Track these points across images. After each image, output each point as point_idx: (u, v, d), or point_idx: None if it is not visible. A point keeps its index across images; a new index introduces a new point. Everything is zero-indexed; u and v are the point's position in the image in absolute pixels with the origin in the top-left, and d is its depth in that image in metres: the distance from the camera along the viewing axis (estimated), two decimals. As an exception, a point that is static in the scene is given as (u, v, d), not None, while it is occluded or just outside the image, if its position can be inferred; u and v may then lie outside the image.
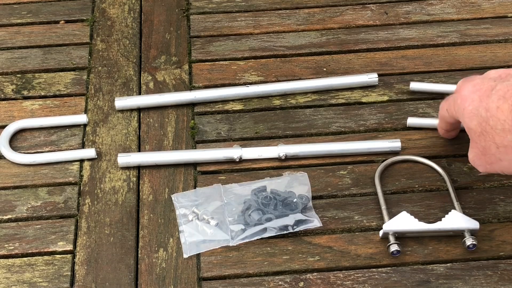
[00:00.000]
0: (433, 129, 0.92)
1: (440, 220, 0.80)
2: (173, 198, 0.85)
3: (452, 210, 0.81)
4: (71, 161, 0.90)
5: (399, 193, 0.86)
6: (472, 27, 1.05)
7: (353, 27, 1.06)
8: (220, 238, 0.81)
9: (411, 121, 0.92)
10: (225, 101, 0.97)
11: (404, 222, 0.80)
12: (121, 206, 0.86)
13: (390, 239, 0.80)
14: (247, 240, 0.81)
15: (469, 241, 0.79)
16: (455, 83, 0.97)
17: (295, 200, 0.83)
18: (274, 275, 0.79)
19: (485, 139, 0.74)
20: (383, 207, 0.83)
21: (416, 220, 0.80)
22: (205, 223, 0.82)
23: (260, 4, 1.09)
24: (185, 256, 0.80)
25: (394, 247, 0.79)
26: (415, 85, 0.96)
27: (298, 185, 0.85)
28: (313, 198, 0.85)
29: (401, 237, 0.80)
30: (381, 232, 0.80)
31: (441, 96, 0.94)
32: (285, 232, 0.82)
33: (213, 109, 0.96)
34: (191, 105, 0.96)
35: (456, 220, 0.80)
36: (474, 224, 0.79)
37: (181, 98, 0.96)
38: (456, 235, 0.81)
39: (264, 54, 1.02)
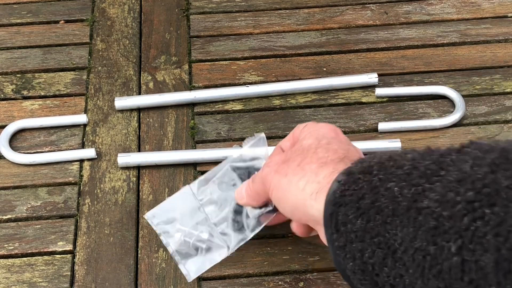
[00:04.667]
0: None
1: None
2: (148, 221, 0.78)
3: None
4: (71, 161, 0.90)
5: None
6: (472, 27, 1.05)
7: (353, 27, 1.06)
8: (217, 252, 0.77)
9: (382, 126, 0.92)
10: (225, 101, 0.96)
11: None
12: (121, 206, 0.86)
13: None
14: (243, 243, 0.78)
15: None
16: (455, 83, 0.98)
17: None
18: (274, 275, 0.79)
19: (299, 154, 0.68)
20: None
21: None
22: (195, 240, 0.77)
23: (260, 4, 1.09)
24: (189, 281, 0.77)
25: None
26: (381, 91, 0.96)
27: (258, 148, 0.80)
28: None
29: None
30: None
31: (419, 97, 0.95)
32: None
33: (213, 109, 0.96)
34: (191, 105, 0.96)
35: None
36: None
37: (181, 98, 0.96)
38: None
39: (264, 54, 1.02)
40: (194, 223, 0.78)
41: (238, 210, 0.78)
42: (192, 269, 0.77)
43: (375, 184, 0.56)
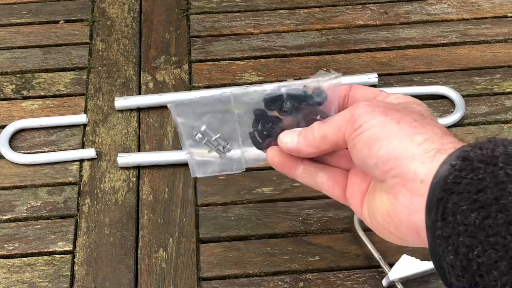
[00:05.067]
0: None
1: None
2: (170, 110, 0.66)
3: None
4: (70, 161, 0.90)
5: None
6: (472, 27, 1.05)
7: (353, 27, 1.06)
8: (232, 163, 0.68)
9: None
10: (225, 101, 0.96)
11: (408, 266, 0.76)
12: (121, 206, 0.86)
13: (397, 287, 0.77)
14: (262, 162, 0.68)
15: None
16: (455, 83, 0.98)
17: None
18: (274, 275, 0.79)
19: (412, 110, 0.60)
20: (378, 256, 0.79)
21: (418, 260, 0.76)
22: (217, 149, 0.67)
23: (260, 4, 1.09)
24: (196, 175, 0.68)
25: None
26: None
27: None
28: (313, 198, 0.85)
29: (405, 281, 0.77)
30: (385, 281, 0.77)
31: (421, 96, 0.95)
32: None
33: (213, 109, 0.96)
34: (191, 105, 0.96)
35: None
36: None
37: (181, 98, 0.96)
38: None
39: (264, 54, 1.02)
40: (223, 131, 0.66)
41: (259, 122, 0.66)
42: (199, 168, 0.67)
43: (502, 179, 0.51)
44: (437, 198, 0.53)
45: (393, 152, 0.56)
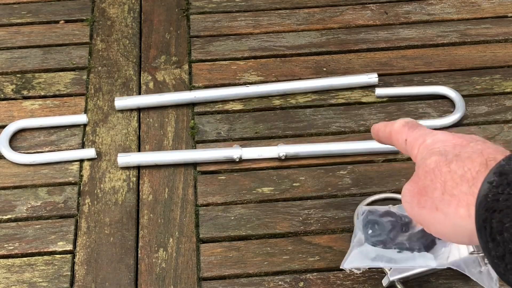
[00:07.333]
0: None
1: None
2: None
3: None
4: (71, 161, 0.90)
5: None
6: (472, 27, 1.05)
7: (353, 27, 1.06)
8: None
9: None
10: (225, 101, 0.96)
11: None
12: (121, 206, 0.86)
13: (397, 287, 0.76)
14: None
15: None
16: (455, 83, 0.98)
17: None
18: (274, 275, 0.79)
19: (433, 178, 0.60)
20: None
21: None
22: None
23: (260, 4, 1.09)
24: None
25: None
26: (380, 91, 0.96)
27: None
28: (313, 198, 0.85)
29: (405, 280, 0.77)
30: (385, 281, 0.76)
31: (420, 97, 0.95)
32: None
33: (213, 109, 0.96)
34: (191, 105, 0.96)
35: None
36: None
37: (181, 98, 0.96)
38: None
39: (264, 54, 1.02)
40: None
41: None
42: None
43: None
44: (483, 219, 0.53)
45: (443, 236, 0.62)
